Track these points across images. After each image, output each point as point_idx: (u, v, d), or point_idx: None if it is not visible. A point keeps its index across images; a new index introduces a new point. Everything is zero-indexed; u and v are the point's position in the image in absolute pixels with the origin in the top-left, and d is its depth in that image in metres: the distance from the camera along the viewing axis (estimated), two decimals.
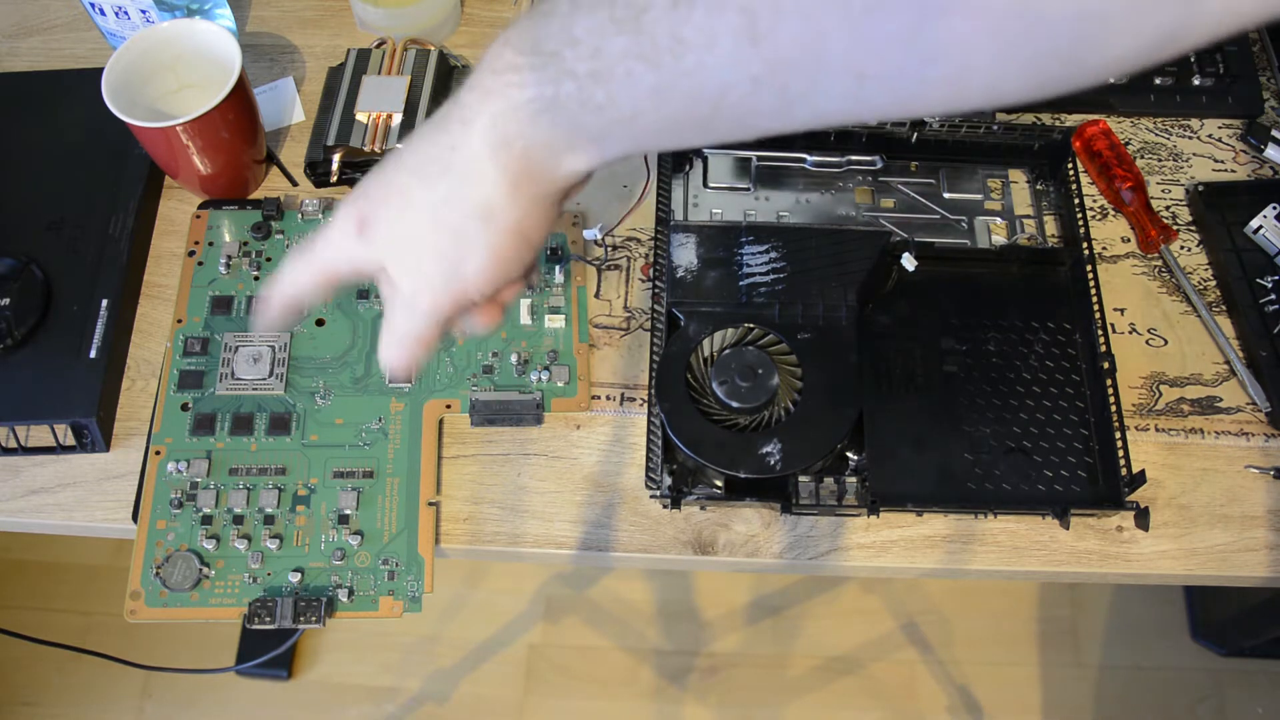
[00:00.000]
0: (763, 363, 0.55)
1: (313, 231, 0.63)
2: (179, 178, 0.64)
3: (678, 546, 0.56)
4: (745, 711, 1.23)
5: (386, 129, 0.64)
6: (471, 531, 0.56)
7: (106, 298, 0.60)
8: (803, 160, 0.66)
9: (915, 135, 0.65)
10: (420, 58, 0.67)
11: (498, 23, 0.74)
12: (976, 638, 1.26)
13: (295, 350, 0.59)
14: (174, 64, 0.63)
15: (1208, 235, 0.65)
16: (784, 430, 0.53)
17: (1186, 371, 0.60)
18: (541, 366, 0.59)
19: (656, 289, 0.59)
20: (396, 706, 1.23)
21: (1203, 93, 0.69)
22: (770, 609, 1.28)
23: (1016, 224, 0.65)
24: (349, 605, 0.53)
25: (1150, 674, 1.24)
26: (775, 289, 0.58)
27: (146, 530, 0.55)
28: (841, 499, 0.54)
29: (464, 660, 1.25)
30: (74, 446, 0.58)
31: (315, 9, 0.75)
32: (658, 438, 0.55)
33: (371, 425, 0.57)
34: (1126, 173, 0.65)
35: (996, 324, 0.59)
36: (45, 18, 0.75)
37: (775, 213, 0.65)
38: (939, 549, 0.56)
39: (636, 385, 0.60)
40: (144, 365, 0.61)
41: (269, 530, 0.55)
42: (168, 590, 0.53)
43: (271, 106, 0.69)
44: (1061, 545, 0.56)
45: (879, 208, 0.65)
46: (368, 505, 0.55)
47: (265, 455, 0.57)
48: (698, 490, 0.55)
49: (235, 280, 0.62)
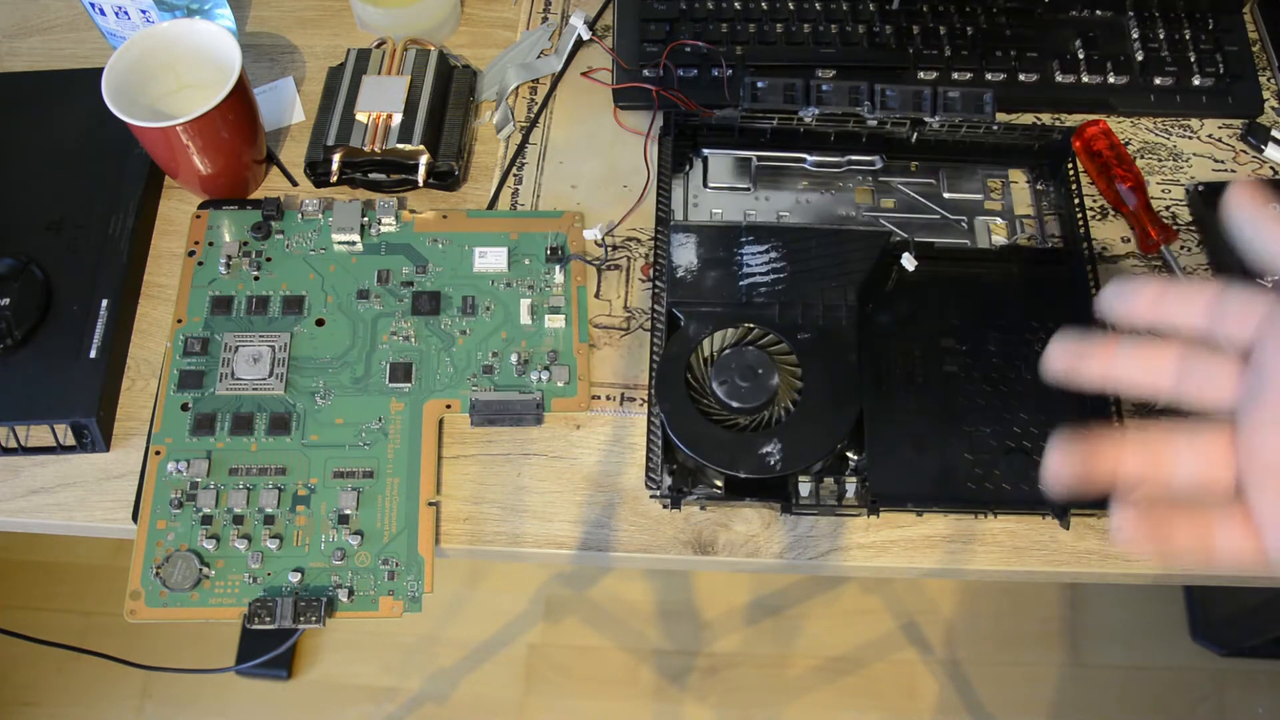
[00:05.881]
0: (763, 363, 0.55)
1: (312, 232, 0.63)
2: (179, 178, 0.65)
3: (678, 546, 0.56)
4: (745, 711, 1.23)
5: (386, 129, 0.64)
6: (471, 531, 0.56)
7: (106, 298, 0.60)
8: (803, 160, 0.66)
9: (915, 135, 0.65)
10: (420, 58, 0.67)
11: (498, 23, 0.74)
12: (976, 638, 1.26)
13: (295, 350, 0.59)
14: (174, 64, 0.63)
15: (1208, 235, 0.65)
16: (784, 430, 0.53)
17: None
18: (541, 366, 0.59)
19: (656, 289, 0.59)
20: (396, 706, 1.23)
21: (1203, 93, 0.69)
22: (770, 609, 1.28)
23: (1016, 224, 0.65)
24: (349, 605, 0.53)
25: (1150, 674, 1.24)
26: (775, 289, 0.58)
27: (146, 530, 0.55)
28: (841, 499, 0.54)
29: (464, 660, 1.25)
30: (74, 446, 0.58)
31: (315, 9, 0.75)
32: (658, 438, 0.55)
33: (371, 425, 0.57)
34: (1126, 173, 0.65)
35: (996, 324, 0.59)
36: (45, 18, 0.75)
37: (775, 213, 0.65)
38: (939, 549, 0.56)
39: (636, 385, 0.60)
40: (144, 365, 0.61)
41: (269, 530, 0.55)
42: (168, 590, 0.53)
43: (271, 106, 0.69)
44: (1061, 545, 0.56)
45: (879, 208, 0.65)
46: (368, 505, 0.55)
47: (265, 455, 0.57)
48: (698, 490, 0.55)
49: (235, 280, 0.62)
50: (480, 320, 0.61)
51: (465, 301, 0.61)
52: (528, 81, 0.71)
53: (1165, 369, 0.31)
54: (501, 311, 0.61)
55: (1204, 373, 0.31)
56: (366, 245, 0.63)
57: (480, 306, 0.61)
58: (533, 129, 0.69)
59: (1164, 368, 0.31)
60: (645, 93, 0.68)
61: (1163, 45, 0.70)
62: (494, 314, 0.61)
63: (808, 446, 0.53)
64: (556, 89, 0.71)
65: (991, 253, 0.62)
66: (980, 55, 0.70)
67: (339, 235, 0.62)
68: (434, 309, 0.61)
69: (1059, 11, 0.72)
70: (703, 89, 0.69)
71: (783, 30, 0.70)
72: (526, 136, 0.69)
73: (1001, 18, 0.71)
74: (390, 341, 0.60)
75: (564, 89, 0.71)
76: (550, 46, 0.72)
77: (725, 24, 0.70)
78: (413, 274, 0.62)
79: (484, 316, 0.61)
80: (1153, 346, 0.32)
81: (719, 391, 0.54)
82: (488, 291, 0.61)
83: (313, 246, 0.63)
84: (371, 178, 0.65)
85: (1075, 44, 0.70)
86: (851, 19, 0.70)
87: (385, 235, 0.63)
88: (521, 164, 0.68)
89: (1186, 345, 0.31)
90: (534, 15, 0.74)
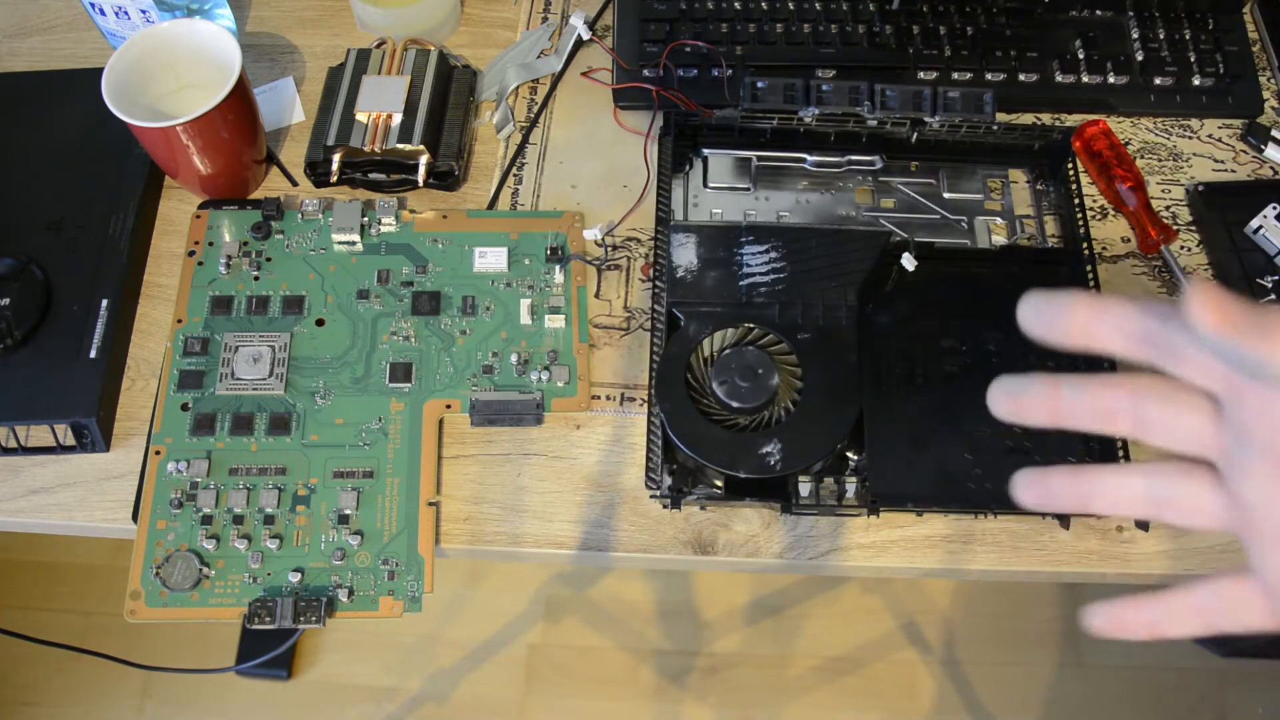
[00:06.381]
0: (763, 363, 0.55)
1: (312, 232, 0.63)
2: (179, 178, 0.64)
3: (678, 546, 0.56)
4: (745, 711, 1.23)
5: (386, 129, 0.64)
6: (471, 531, 0.56)
7: (106, 298, 0.60)
8: (803, 160, 0.66)
9: (915, 135, 0.65)
10: (420, 58, 0.67)
11: (498, 23, 0.74)
12: (976, 638, 1.26)
13: (295, 350, 0.59)
14: (174, 64, 0.63)
15: (1208, 235, 0.65)
16: (784, 430, 0.53)
17: None
18: (541, 366, 0.59)
19: (656, 289, 0.59)
20: (396, 706, 1.23)
21: (1203, 93, 0.69)
22: (770, 609, 1.28)
23: (1016, 224, 0.65)
24: (349, 605, 0.53)
25: (1150, 674, 1.24)
26: (775, 289, 0.58)
27: (146, 530, 0.55)
28: (841, 499, 0.54)
29: (464, 660, 1.25)
30: (74, 446, 0.58)
31: (315, 9, 0.75)
32: (658, 438, 0.55)
33: (371, 425, 0.57)
34: (1126, 173, 0.65)
35: (996, 324, 0.59)
36: (45, 18, 0.75)
37: (775, 213, 0.65)
38: (939, 549, 0.56)
39: (636, 385, 0.60)
40: (144, 365, 0.61)
41: (269, 530, 0.55)
42: (168, 590, 0.53)
43: (271, 106, 0.69)
44: (1061, 545, 0.56)
45: (879, 208, 0.65)
46: (368, 505, 0.55)
47: (265, 455, 0.57)
48: (698, 490, 0.55)
49: (235, 280, 0.62)
50: (480, 320, 0.61)
51: (465, 301, 0.61)
52: (528, 81, 0.71)
53: (1119, 411, 0.29)
54: (501, 311, 0.61)
55: (1169, 423, 0.29)
56: (366, 245, 0.63)
57: (480, 306, 0.61)
58: (533, 129, 0.69)
59: (1117, 410, 0.29)
60: (645, 93, 0.68)
61: (1163, 45, 0.70)
62: (494, 314, 0.61)
63: (808, 446, 0.53)
64: (556, 89, 0.71)
65: (991, 253, 0.62)
66: (980, 55, 0.70)
67: (339, 235, 0.62)
68: (434, 309, 0.61)
69: (1059, 11, 0.72)
70: (703, 89, 0.69)
71: (783, 30, 0.70)
72: (526, 136, 0.69)
73: (1001, 18, 0.71)
74: (390, 341, 0.60)
75: (564, 89, 0.71)
76: (550, 46, 0.72)
77: (725, 24, 0.70)
78: (413, 274, 0.62)
79: (484, 316, 0.61)
80: (1101, 387, 0.29)
81: (719, 391, 0.54)
82: (488, 291, 0.61)
83: (313, 246, 0.63)
84: (371, 178, 0.65)
85: (1075, 44, 0.70)
86: (851, 19, 0.70)
87: (385, 235, 0.63)
88: (521, 164, 0.68)
89: (1137, 387, 0.29)
90: (534, 15, 0.74)
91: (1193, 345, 0.27)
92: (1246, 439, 0.27)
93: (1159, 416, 0.29)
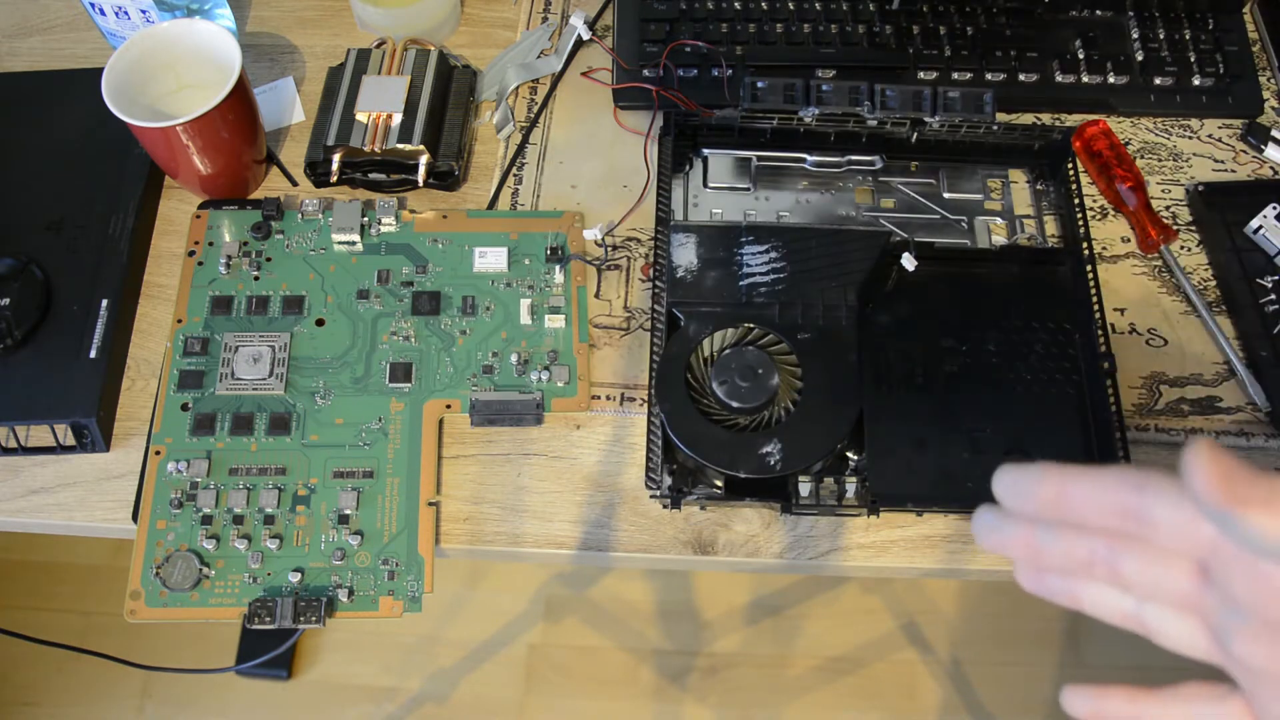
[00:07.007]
0: (763, 363, 0.55)
1: (312, 232, 0.63)
2: (179, 178, 0.65)
3: (678, 546, 0.56)
4: (745, 711, 1.23)
5: (386, 129, 0.64)
6: (471, 531, 0.56)
7: (106, 298, 0.60)
8: (803, 160, 0.66)
9: (915, 135, 0.65)
10: (420, 58, 0.67)
11: (498, 23, 0.74)
12: (976, 638, 1.26)
13: (295, 350, 0.59)
14: (174, 64, 0.63)
15: (1208, 235, 0.65)
16: (784, 430, 0.53)
17: (1186, 372, 0.60)
18: (541, 366, 0.59)
19: (656, 289, 0.59)
20: (396, 706, 1.23)
21: (1203, 93, 0.69)
22: (770, 609, 1.28)
23: (1016, 224, 0.65)
24: (349, 605, 0.53)
25: (1150, 674, 1.24)
26: (775, 289, 0.58)
27: (146, 530, 0.55)
28: (841, 499, 0.54)
29: (464, 660, 1.25)
30: (74, 446, 0.58)
31: (315, 9, 0.75)
32: (658, 438, 0.55)
33: (371, 425, 0.57)
34: (1126, 173, 0.65)
35: (996, 324, 0.59)
36: (45, 18, 0.75)
37: (775, 213, 0.65)
38: (939, 549, 0.56)
39: (636, 385, 0.60)
40: (144, 365, 0.61)
41: (269, 530, 0.55)
42: (168, 590, 0.53)
43: (271, 106, 0.69)
44: None
45: (879, 208, 0.65)
46: (368, 505, 0.55)
47: (265, 455, 0.57)
48: (698, 490, 0.55)
49: (235, 280, 0.62)
50: (480, 320, 0.61)
51: (465, 301, 0.61)
52: (528, 81, 0.71)
53: (1095, 563, 0.29)
54: (501, 311, 0.61)
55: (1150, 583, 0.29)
56: (366, 245, 0.63)
57: (480, 306, 0.61)
58: (533, 129, 0.69)
59: (1093, 562, 0.30)
60: (645, 93, 0.68)
61: (1163, 45, 0.70)
62: (494, 314, 0.61)
63: (808, 446, 0.53)
64: (556, 89, 0.71)
65: (991, 253, 0.62)
66: (980, 55, 0.70)
67: (339, 235, 0.62)
68: (434, 309, 0.61)
69: (1059, 11, 0.72)
70: (703, 89, 0.69)
71: (783, 30, 0.70)
72: (526, 136, 0.69)
73: (1001, 18, 0.71)
74: (390, 341, 0.60)
75: (564, 89, 0.71)
76: (550, 46, 0.72)
77: (725, 24, 0.70)
78: (413, 274, 0.62)
79: (484, 316, 0.61)
80: (1075, 540, 0.30)
81: (719, 391, 0.54)
82: (488, 291, 0.61)
83: (313, 246, 0.63)
84: (371, 178, 0.65)
85: (1075, 44, 0.70)
86: (851, 19, 0.70)
87: (385, 235, 0.63)
88: (521, 164, 0.68)
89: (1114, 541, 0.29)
90: (534, 15, 0.74)
91: (1171, 517, 0.27)
92: (1239, 607, 0.27)
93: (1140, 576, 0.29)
